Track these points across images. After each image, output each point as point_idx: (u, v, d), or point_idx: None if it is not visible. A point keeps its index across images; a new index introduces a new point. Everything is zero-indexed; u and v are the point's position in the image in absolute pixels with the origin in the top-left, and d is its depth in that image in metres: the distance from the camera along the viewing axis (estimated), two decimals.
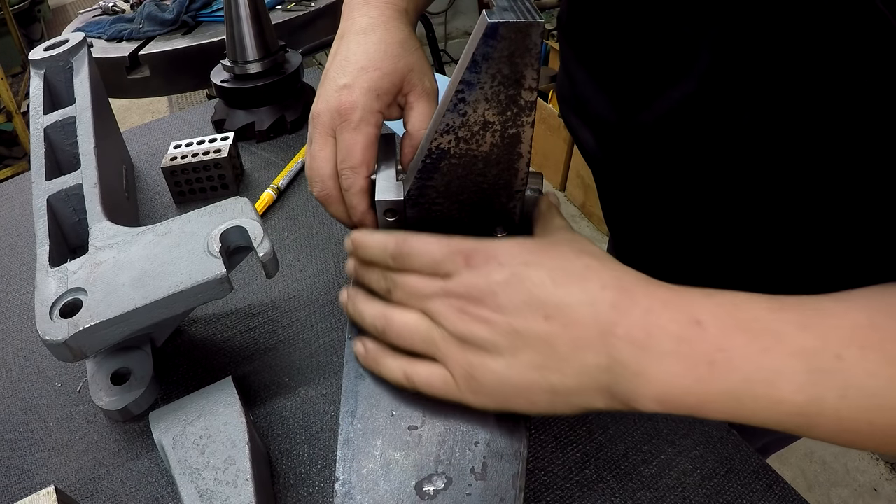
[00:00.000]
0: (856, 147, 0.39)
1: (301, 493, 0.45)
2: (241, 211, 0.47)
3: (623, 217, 0.66)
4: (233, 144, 0.72)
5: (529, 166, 0.45)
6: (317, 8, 1.45)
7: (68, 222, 0.55)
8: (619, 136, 0.55)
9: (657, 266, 0.43)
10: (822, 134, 0.39)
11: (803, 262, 0.47)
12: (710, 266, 0.53)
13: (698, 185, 0.49)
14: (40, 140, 0.59)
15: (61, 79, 0.67)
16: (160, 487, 0.46)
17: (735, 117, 0.43)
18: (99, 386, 0.50)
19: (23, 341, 0.58)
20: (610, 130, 0.56)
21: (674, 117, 0.48)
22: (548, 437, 0.47)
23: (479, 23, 0.37)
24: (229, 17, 0.77)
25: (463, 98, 0.40)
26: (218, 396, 0.45)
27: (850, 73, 0.36)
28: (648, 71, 0.49)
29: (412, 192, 0.46)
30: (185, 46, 1.34)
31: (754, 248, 0.50)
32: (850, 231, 0.43)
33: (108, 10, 1.57)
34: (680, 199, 0.52)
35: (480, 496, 0.37)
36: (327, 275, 0.62)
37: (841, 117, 0.38)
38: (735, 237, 0.50)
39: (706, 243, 0.53)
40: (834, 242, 0.45)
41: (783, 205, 0.45)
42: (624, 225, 0.68)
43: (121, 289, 0.42)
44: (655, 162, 0.52)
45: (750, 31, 0.40)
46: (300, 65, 0.84)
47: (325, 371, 0.52)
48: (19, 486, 0.47)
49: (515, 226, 0.49)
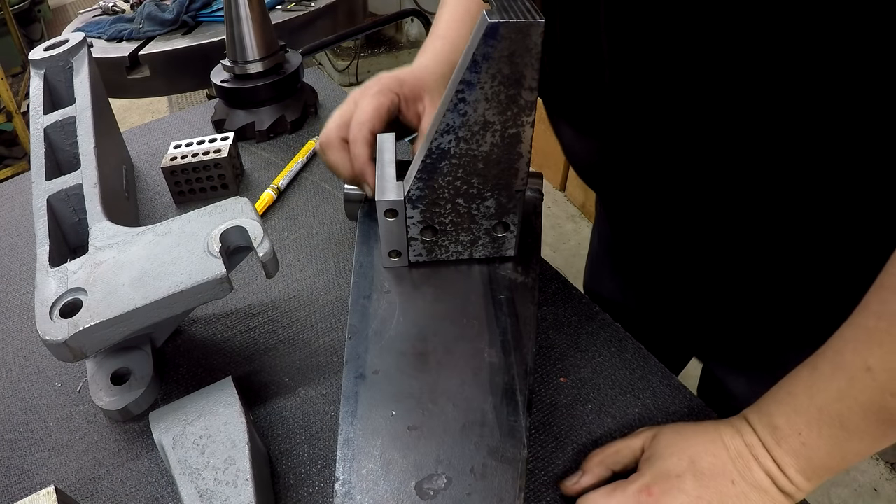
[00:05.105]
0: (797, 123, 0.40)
1: (301, 493, 0.45)
2: (241, 211, 0.47)
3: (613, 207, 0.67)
4: (233, 144, 0.72)
5: (529, 166, 0.45)
6: (317, 8, 1.45)
7: (68, 222, 0.55)
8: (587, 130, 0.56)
9: (653, 257, 0.43)
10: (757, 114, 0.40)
11: (782, 247, 0.48)
12: (700, 254, 0.54)
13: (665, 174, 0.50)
14: (40, 140, 0.59)
15: (61, 79, 0.67)
16: (160, 487, 0.46)
17: (653, 101, 0.45)
18: (99, 386, 0.50)
19: (23, 341, 0.58)
20: (581, 126, 0.57)
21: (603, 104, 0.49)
22: (548, 437, 0.47)
23: (479, 23, 0.37)
24: (229, 17, 0.77)
25: (463, 98, 0.40)
26: (218, 396, 0.45)
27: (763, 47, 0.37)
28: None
29: (412, 192, 0.46)
30: (185, 46, 1.34)
31: (737, 236, 0.50)
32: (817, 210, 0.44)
33: (108, 10, 1.57)
34: (657, 190, 0.52)
35: (480, 496, 0.37)
36: (327, 275, 0.62)
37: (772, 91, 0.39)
38: (715, 222, 0.50)
39: (687, 230, 0.53)
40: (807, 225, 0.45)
41: (749, 191, 0.45)
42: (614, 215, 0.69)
43: (121, 289, 0.42)
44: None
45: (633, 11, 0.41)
46: (300, 65, 0.84)
47: (325, 371, 0.52)
48: (19, 486, 0.47)
49: (515, 226, 0.49)
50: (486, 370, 0.43)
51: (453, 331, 0.46)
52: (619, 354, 0.52)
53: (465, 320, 0.47)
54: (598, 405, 0.49)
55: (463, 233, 0.49)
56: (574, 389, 0.50)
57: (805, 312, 0.55)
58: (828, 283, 0.50)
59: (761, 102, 0.40)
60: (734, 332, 0.63)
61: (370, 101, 0.54)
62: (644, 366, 0.51)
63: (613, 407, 0.49)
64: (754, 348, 0.63)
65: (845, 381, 0.36)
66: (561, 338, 0.54)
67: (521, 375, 0.43)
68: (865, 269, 0.38)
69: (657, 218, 0.56)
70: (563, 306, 0.57)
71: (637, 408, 0.48)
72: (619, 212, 0.67)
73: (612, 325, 0.55)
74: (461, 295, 0.49)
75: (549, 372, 0.51)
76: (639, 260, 0.72)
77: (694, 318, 0.68)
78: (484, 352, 0.45)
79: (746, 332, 0.62)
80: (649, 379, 0.50)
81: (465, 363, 0.44)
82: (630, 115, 0.48)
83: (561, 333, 0.54)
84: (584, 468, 0.43)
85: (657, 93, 0.45)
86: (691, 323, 0.69)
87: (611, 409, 0.48)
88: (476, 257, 0.51)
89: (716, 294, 0.60)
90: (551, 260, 1.83)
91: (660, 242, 0.61)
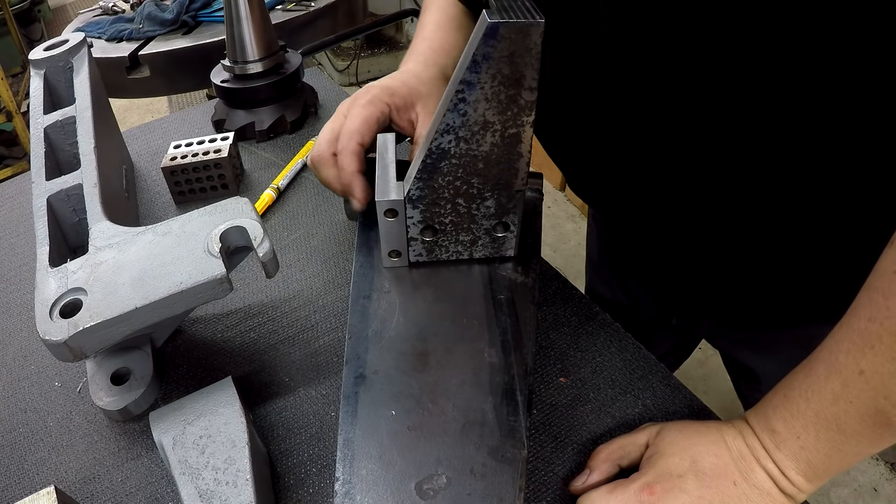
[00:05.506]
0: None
1: (301, 493, 0.45)
2: (241, 211, 0.47)
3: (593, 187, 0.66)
4: (233, 144, 0.72)
5: (529, 166, 0.45)
6: (317, 8, 1.45)
7: (68, 222, 0.55)
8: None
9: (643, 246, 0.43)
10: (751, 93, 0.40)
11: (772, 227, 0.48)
12: (690, 239, 0.54)
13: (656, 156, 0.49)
14: (40, 140, 0.59)
15: (61, 79, 0.67)
16: (160, 487, 0.46)
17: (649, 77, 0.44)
18: (99, 386, 0.50)
19: (23, 341, 0.58)
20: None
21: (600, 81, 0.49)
22: (548, 437, 0.47)
23: (479, 23, 0.37)
24: (229, 17, 0.77)
25: (463, 98, 0.40)
26: (218, 396, 0.45)
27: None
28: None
29: (412, 192, 0.46)
30: (185, 46, 1.34)
31: (735, 235, 0.50)
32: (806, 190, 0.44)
33: (108, 10, 1.57)
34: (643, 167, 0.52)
35: (480, 496, 0.37)
36: (327, 275, 0.62)
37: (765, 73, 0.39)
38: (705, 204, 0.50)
39: (677, 214, 0.53)
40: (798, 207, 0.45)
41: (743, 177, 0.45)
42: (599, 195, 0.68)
43: (121, 289, 0.42)
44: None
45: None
46: (300, 65, 0.84)
47: (325, 371, 0.52)
48: (19, 486, 0.47)
49: (515, 226, 0.49)
50: (486, 370, 0.43)
51: (453, 331, 0.46)
52: (619, 354, 0.52)
53: (465, 320, 0.47)
54: (598, 405, 0.49)
55: (463, 233, 0.49)
56: (574, 389, 0.50)
57: (804, 300, 0.55)
58: (823, 273, 0.50)
59: (759, 95, 0.40)
60: (730, 310, 0.64)
61: (359, 112, 0.53)
62: (644, 366, 0.51)
63: (613, 407, 0.49)
64: (748, 319, 0.63)
65: (839, 384, 0.36)
66: (561, 338, 0.54)
67: (521, 375, 0.43)
68: (861, 258, 0.39)
69: (653, 221, 0.56)
70: (563, 306, 0.57)
71: (637, 408, 0.48)
72: (615, 218, 0.67)
73: (612, 325, 0.55)
74: (461, 295, 0.49)
75: (549, 372, 0.51)
76: (636, 258, 0.72)
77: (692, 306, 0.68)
78: (484, 352, 0.45)
79: (741, 307, 0.62)
80: (649, 379, 0.50)
81: (465, 363, 0.44)
82: (629, 114, 0.48)
83: (561, 333, 0.54)
84: (591, 466, 0.43)
85: (656, 92, 0.45)
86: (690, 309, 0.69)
87: (611, 409, 0.48)
88: (476, 257, 0.51)
89: (712, 283, 0.60)
90: (551, 260, 1.83)
91: (656, 243, 0.61)
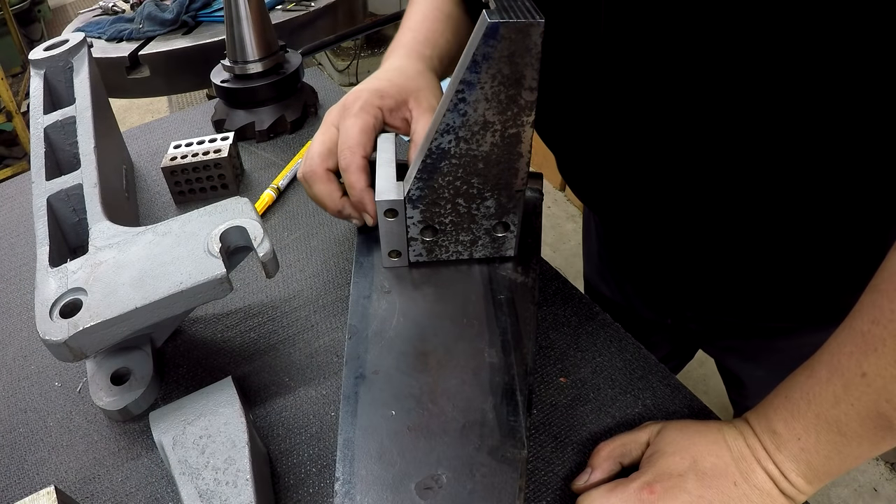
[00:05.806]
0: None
1: (301, 493, 0.45)
2: (241, 211, 0.47)
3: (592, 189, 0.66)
4: (233, 144, 0.72)
5: (529, 166, 0.45)
6: (317, 8, 1.45)
7: (68, 222, 0.55)
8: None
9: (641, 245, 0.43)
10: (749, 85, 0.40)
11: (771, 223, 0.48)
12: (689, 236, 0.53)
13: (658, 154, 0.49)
14: (40, 140, 0.59)
15: (61, 79, 0.67)
16: (160, 487, 0.46)
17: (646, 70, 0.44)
18: (99, 386, 0.50)
19: (23, 341, 0.58)
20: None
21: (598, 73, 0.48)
22: (548, 437, 0.47)
23: (479, 23, 0.37)
24: (229, 17, 0.77)
25: (463, 98, 0.40)
26: (218, 396, 0.45)
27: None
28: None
29: (412, 192, 0.46)
30: (185, 46, 1.34)
31: (734, 234, 0.50)
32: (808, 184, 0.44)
33: (108, 10, 1.57)
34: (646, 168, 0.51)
35: (480, 496, 0.37)
36: (327, 275, 0.62)
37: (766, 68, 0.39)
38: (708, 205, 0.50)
39: (675, 210, 0.53)
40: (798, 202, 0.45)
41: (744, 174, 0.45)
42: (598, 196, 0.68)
43: (121, 289, 0.42)
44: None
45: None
46: (300, 65, 0.84)
47: (325, 371, 0.52)
48: (19, 486, 0.47)
49: (515, 226, 0.49)
50: (486, 370, 0.43)
51: (453, 331, 0.46)
52: (619, 354, 0.52)
53: (465, 320, 0.47)
54: (598, 405, 0.49)
55: (463, 233, 0.49)
56: (574, 389, 0.50)
57: (793, 306, 0.55)
58: (816, 277, 0.50)
59: (757, 96, 0.40)
60: (730, 314, 0.64)
61: (353, 122, 0.49)
62: (644, 366, 0.51)
63: (613, 407, 0.49)
64: (734, 327, 0.63)
65: (841, 386, 0.36)
66: (561, 338, 0.54)
67: (521, 375, 0.43)
68: (855, 262, 0.38)
69: (647, 221, 0.56)
70: (563, 306, 0.57)
71: (637, 408, 0.48)
72: (609, 217, 0.66)
73: (612, 325, 0.55)
74: (461, 295, 0.49)
75: (549, 372, 0.51)
76: (631, 258, 0.72)
77: (691, 307, 0.68)
78: (484, 352, 0.45)
79: (729, 313, 0.62)
80: (649, 379, 0.50)
81: (465, 363, 0.44)
82: (626, 115, 0.48)
83: (561, 333, 0.54)
84: (593, 464, 0.43)
85: (654, 92, 0.45)
86: (689, 311, 0.69)
87: (611, 409, 0.48)
88: (476, 257, 0.51)
89: (702, 286, 0.60)
90: (551, 260, 1.83)
91: (649, 243, 0.61)
